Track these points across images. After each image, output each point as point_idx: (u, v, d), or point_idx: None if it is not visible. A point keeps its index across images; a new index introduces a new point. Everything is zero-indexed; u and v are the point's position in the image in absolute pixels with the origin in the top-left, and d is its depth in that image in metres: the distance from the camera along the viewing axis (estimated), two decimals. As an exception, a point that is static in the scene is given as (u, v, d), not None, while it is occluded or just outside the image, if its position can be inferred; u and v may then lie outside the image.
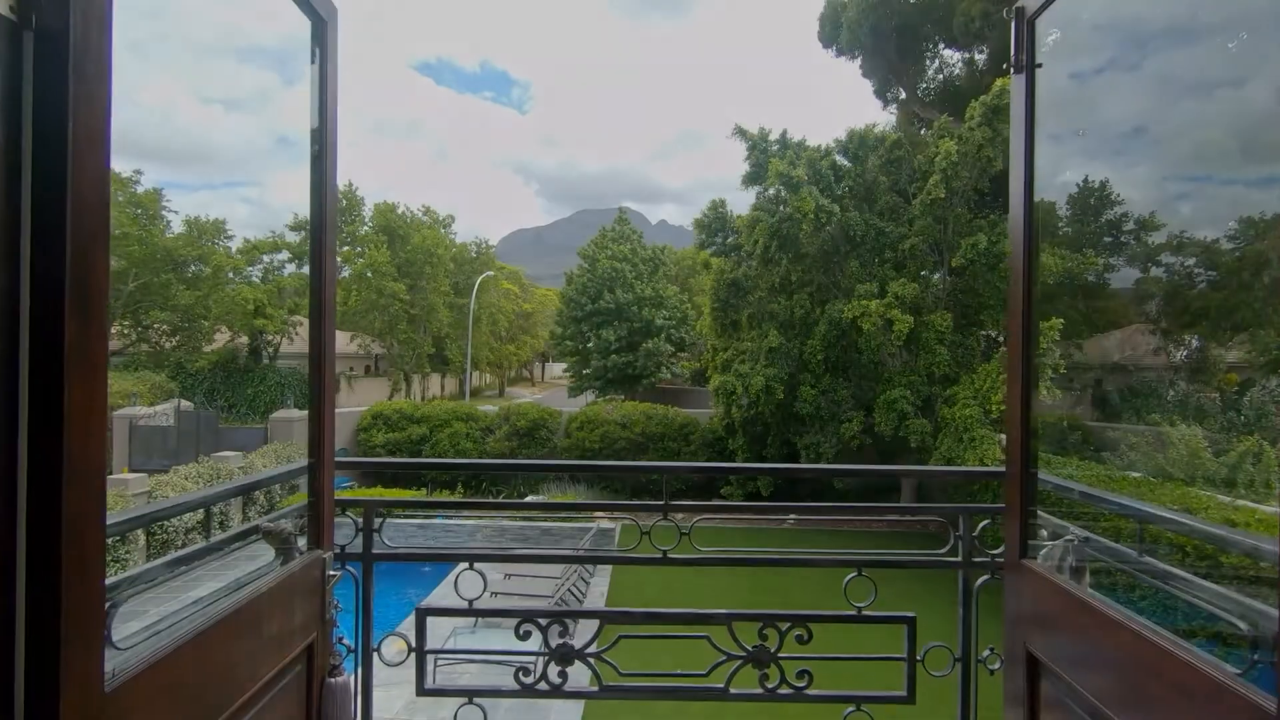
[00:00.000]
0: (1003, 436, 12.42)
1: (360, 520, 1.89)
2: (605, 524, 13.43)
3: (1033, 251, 1.58)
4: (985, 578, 1.92)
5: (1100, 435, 13.85)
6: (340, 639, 1.76)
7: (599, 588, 9.78)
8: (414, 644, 1.93)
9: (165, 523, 10.42)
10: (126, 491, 10.33)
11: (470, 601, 1.97)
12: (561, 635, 1.90)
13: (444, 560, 2.09)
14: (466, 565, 2.00)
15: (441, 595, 10.25)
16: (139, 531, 9.75)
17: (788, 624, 1.89)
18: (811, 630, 1.89)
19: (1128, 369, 15.89)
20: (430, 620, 1.97)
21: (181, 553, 1.46)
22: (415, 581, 11.92)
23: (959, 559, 1.93)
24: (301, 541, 1.60)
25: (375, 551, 1.87)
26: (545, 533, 13.22)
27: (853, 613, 1.93)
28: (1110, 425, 14.98)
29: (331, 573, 1.57)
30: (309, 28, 1.53)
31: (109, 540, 0.98)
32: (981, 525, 1.96)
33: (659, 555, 1.97)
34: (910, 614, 1.90)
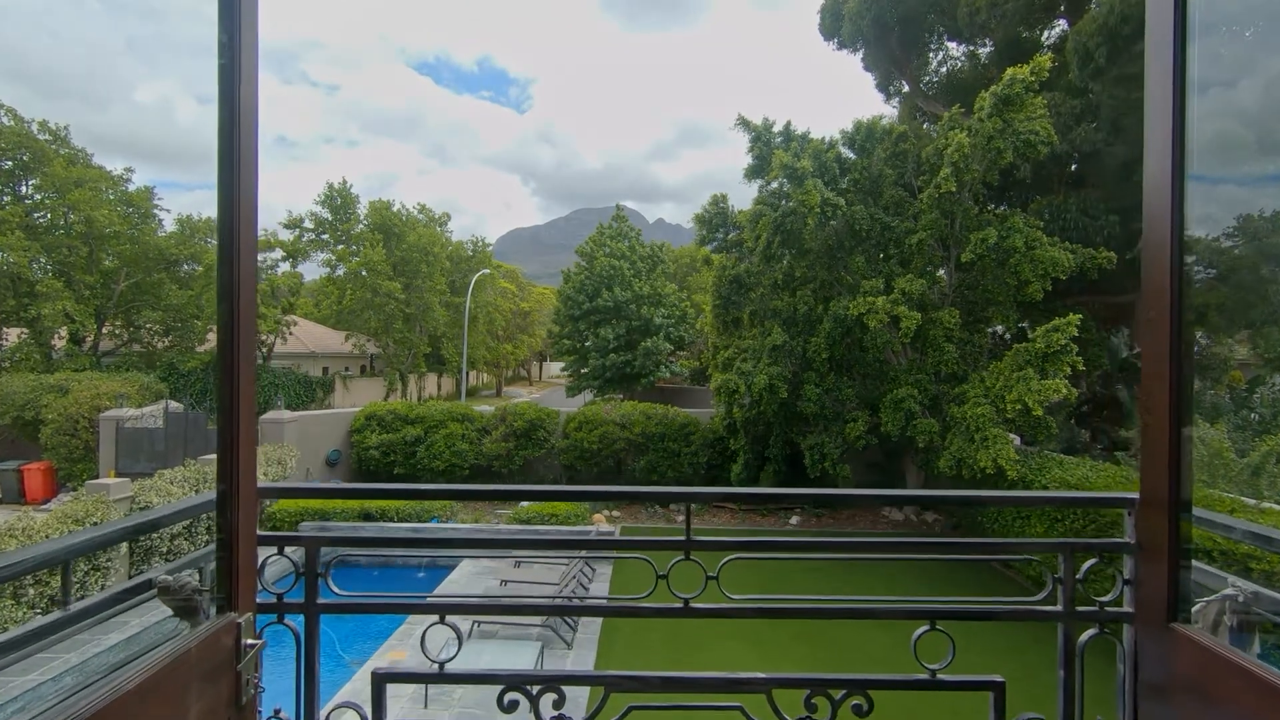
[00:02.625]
0: (1015, 436, 12.08)
1: (302, 561, 1.50)
2: (604, 528, 13.09)
3: (1178, 230, 1.20)
4: (1092, 632, 1.54)
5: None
6: (277, 711, 1.38)
7: (599, 588, 9.47)
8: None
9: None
10: (107, 497, 9.93)
11: (441, 665, 1.57)
12: (556, 707, 1.51)
13: (407, 611, 1.69)
14: (436, 619, 1.60)
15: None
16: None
17: (842, 691, 1.51)
18: (873, 699, 1.51)
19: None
20: (395, 682, 1.58)
21: (24, 629, 1.07)
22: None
23: (1059, 607, 1.55)
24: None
25: (322, 601, 1.49)
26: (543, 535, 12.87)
27: (925, 676, 1.55)
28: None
29: (250, 642, 1.20)
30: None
31: None
32: (1087, 565, 1.58)
33: (679, 604, 1.59)
34: (997, 678, 1.52)
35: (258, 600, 1.40)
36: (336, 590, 1.47)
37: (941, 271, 13.54)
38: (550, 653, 8.62)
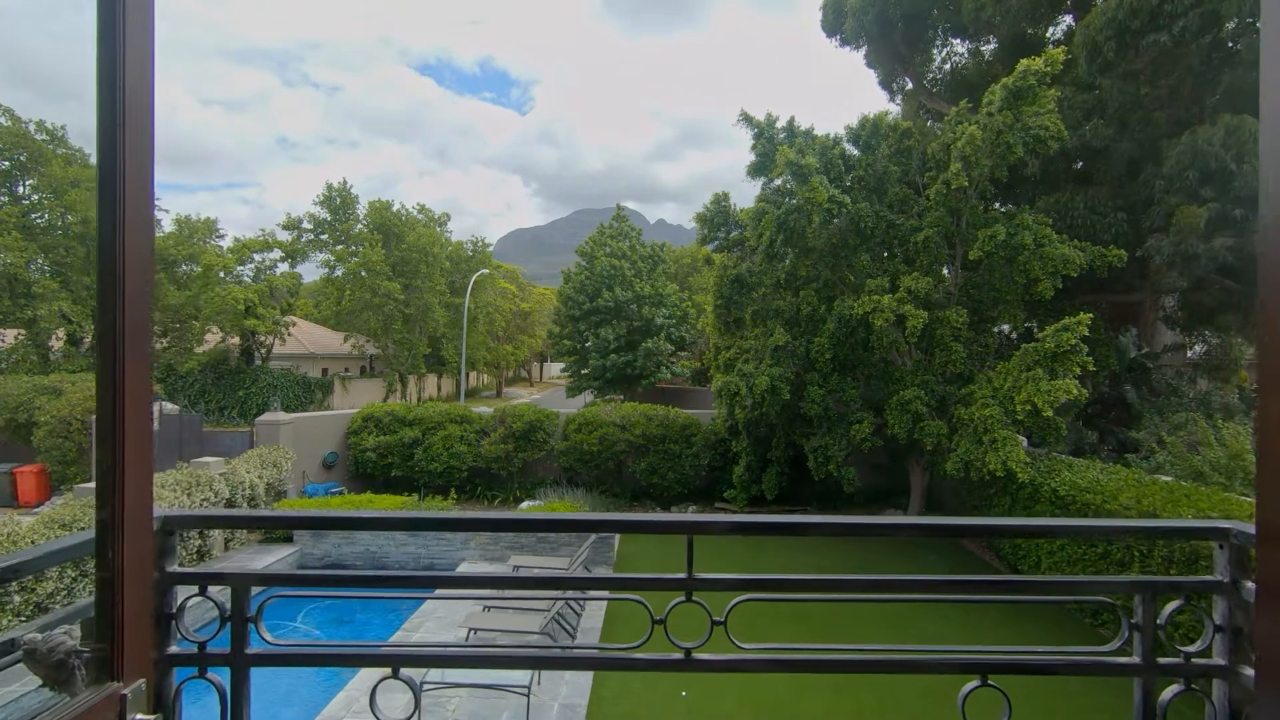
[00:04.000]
0: (1022, 438, 11.82)
1: (227, 603, 1.26)
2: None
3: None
4: (1176, 689, 1.30)
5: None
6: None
7: (593, 620, 9.24)
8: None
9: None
10: (95, 501, 9.70)
11: (394, 733, 1.32)
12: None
13: (355, 664, 1.43)
14: (389, 673, 1.33)
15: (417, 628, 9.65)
16: None
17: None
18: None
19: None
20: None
21: None
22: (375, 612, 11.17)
23: (1136, 659, 1.31)
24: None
25: (253, 651, 1.24)
26: (541, 539, 12.63)
27: None
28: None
29: (141, 718, 0.96)
30: None
31: None
32: (1169, 609, 1.34)
33: (679, 655, 1.33)
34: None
35: (175, 650, 1.17)
36: (270, 639, 1.23)
37: (946, 270, 13.30)
38: (544, 676, 8.38)
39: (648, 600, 1.38)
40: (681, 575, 1.37)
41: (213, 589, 1.24)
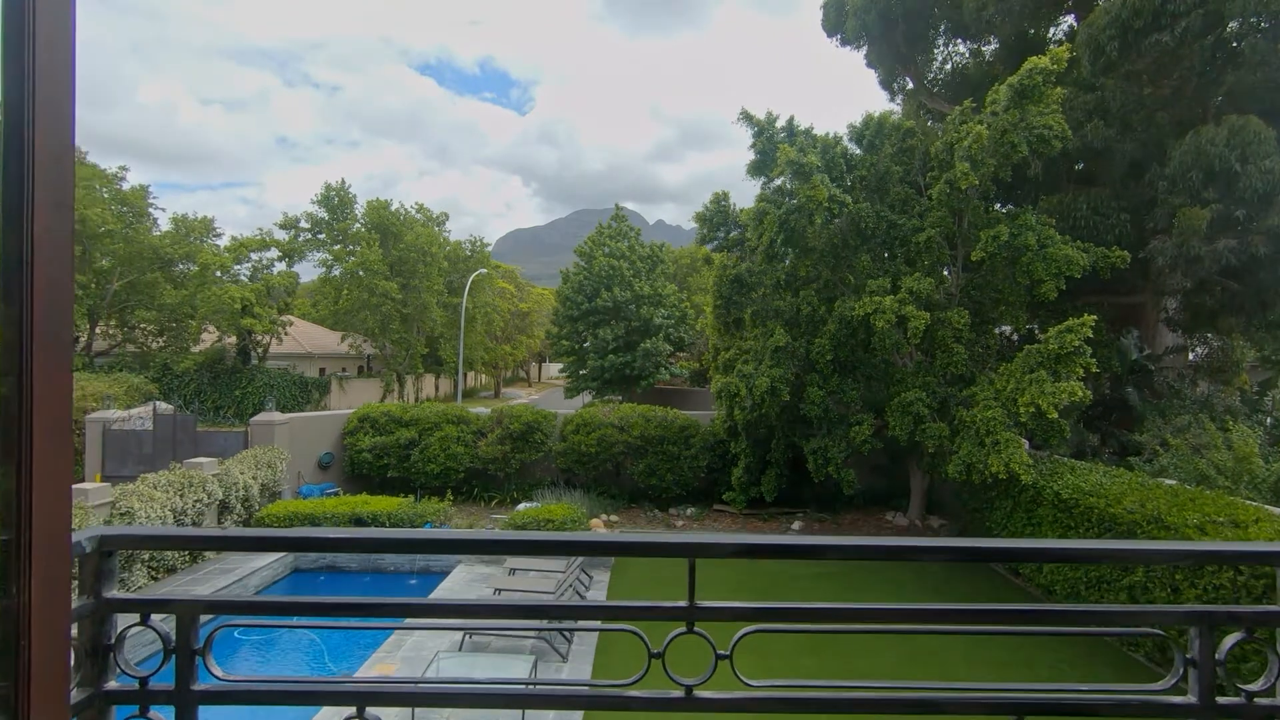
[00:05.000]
0: (1024, 440, 11.69)
1: (171, 634, 1.12)
2: (602, 531, 12.72)
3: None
4: None
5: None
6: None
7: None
8: None
9: None
10: (86, 503, 9.56)
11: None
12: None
13: (316, 702, 1.30)
14: (353, 712, 1.19)
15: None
16: None
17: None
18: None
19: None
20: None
21: None
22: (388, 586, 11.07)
23: (1193, 699, 1.17)
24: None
25: (201, 687, 1.10)
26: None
27: None
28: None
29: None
30: None
31: None
32: (1229, 642, 1.20)
33: (680, 693, 1.18)
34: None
35: (115, 686, 1.04)
36: (220, 674, 1.09)
37: (947, 271, 13.20)
38: (544, 665, 8.27)
39: (644, 632, 1.24)
40: (682, 603, 1.22)
41: (156, 617, 1.11)
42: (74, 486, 9.99)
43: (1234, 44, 12.57)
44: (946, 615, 1.16)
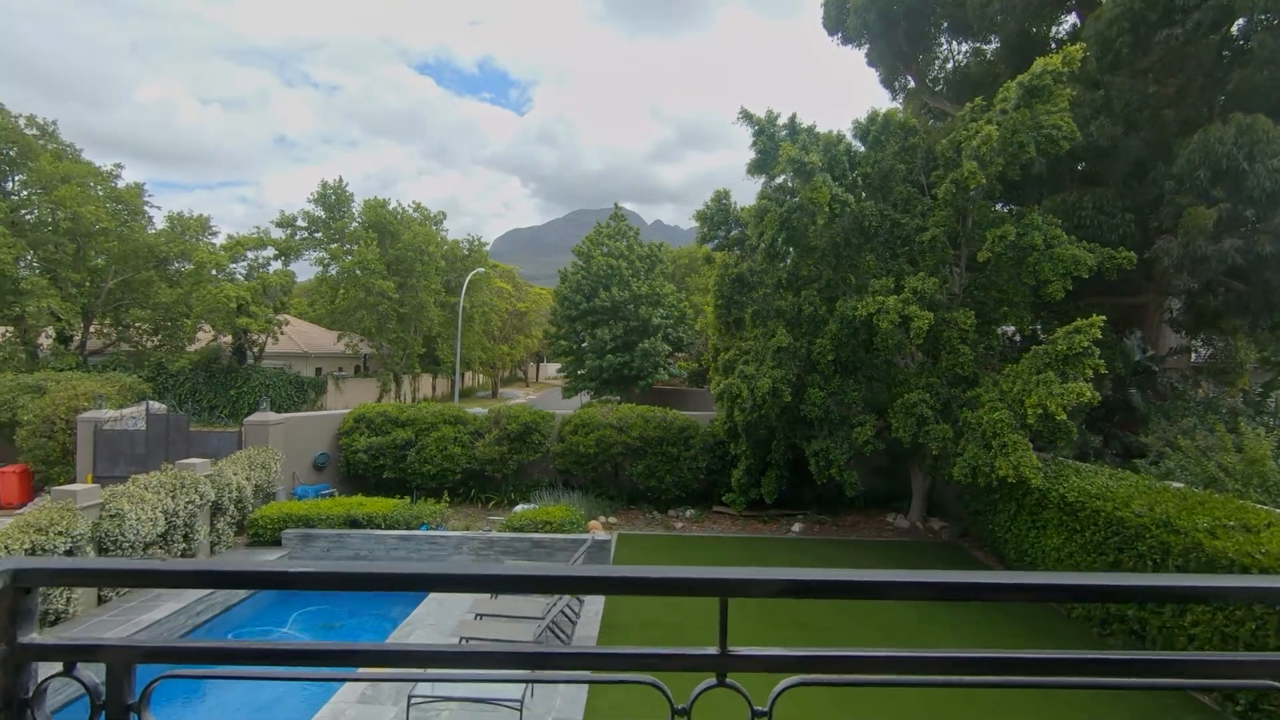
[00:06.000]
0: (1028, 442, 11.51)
1: (101, 686, 0.93)
2: (600, 535, 12.55)
3: None
4: None
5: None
6: None
7: (588, 629, 8.94)
8: None
9: None
10: (74, 505, 9.37)
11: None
12: None
13: None
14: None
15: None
16: None
17: None
18: None
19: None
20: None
21: None
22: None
23: None
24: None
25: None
26: (536, 544, 12.34)
27: None
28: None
29: None
30: None
31: None
32: None
33: None
34: None
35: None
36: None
37: (950, 271, 13.05)
38: (537, 688, 8.08)
39: (666, 684, 1.05)
40: (712, 650, 1.02)
41: (83, 667, 0.93)
42: (60, 488, 9.80)
43: (1242, 41, 12.43)
44: (1028, 665, 0.99)
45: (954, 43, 18.85)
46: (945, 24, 17.92)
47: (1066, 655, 0.98)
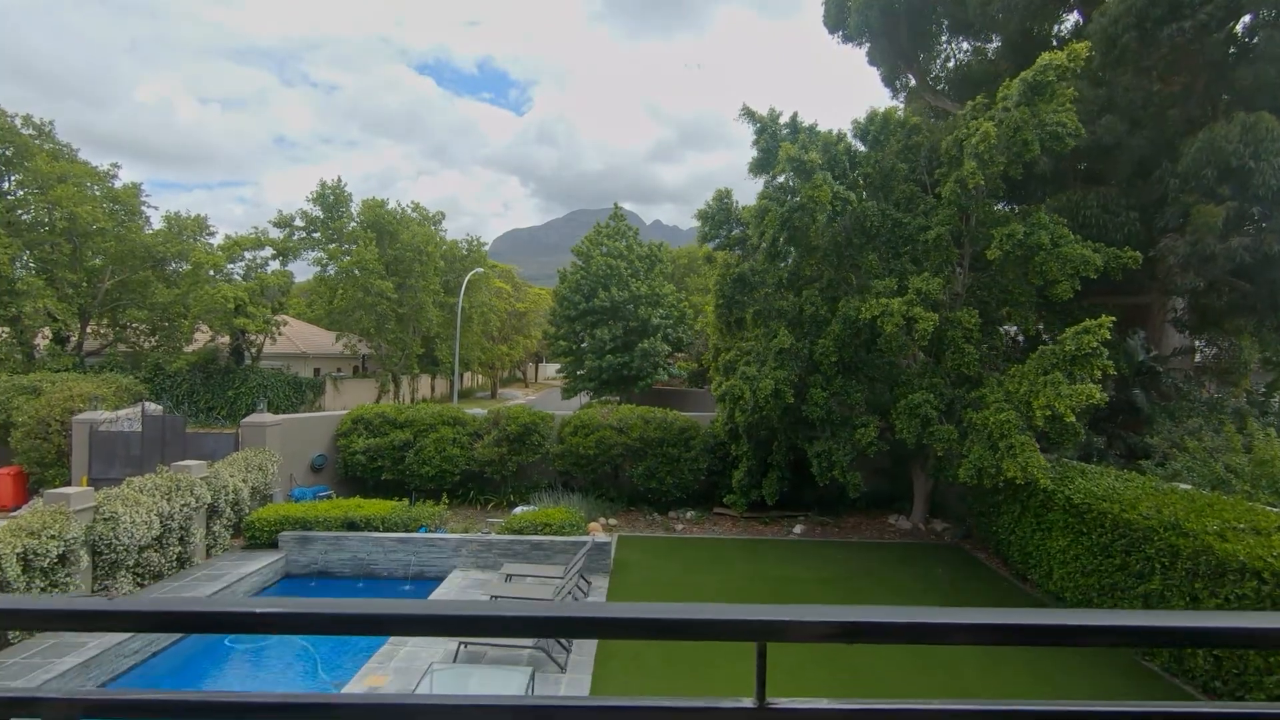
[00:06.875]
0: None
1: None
2: (601, 537, 12.41)
3: None
4: None
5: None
6: None
7: (582, 654, 8.82)
8: None
9: None
10: (67, 507, 9.23)
11: None
12: None
13: None
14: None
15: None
16: None
17: None
18: None
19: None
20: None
21: None
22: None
23: None
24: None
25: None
26: (535, 547, 12.21)
27: None
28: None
29: None
30: None
31: None
32: None
33: None
34: None
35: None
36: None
37: (954, 270, 12.94)
38: (542, 676, 7.98)
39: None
40: (748, 703, 0.88)
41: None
42: (54, 491, 9.65)
43: (1247, 39, 12.32)
44: (1107, 717, 0.86)
45: (955, 41, 18.75)
46: (946, 22, 17.82)
47: (1174, 709, 0.84)
